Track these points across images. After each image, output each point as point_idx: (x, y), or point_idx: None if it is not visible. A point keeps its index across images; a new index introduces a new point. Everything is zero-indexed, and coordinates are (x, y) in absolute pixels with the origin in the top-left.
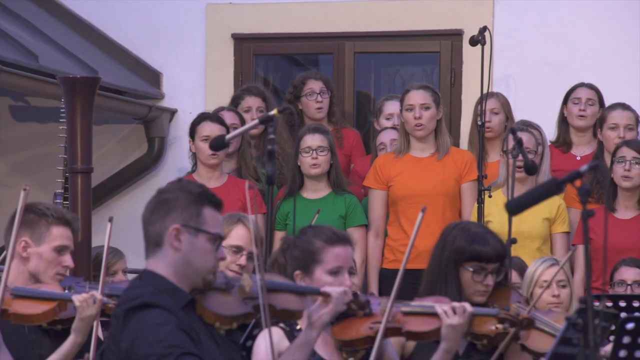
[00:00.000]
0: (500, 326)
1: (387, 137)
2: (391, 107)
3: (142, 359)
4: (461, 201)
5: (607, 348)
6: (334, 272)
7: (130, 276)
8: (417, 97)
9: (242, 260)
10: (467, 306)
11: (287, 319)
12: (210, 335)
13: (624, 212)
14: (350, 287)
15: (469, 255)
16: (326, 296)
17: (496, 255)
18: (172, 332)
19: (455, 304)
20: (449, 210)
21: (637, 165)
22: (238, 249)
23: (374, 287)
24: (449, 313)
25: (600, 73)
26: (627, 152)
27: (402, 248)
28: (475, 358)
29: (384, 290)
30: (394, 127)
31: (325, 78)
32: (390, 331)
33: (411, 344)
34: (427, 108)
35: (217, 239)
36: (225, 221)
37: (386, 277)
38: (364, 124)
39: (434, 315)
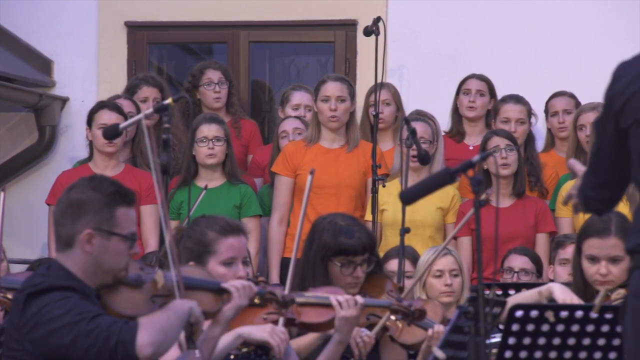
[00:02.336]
0: (376, 319)
1: (290, 126)
2: (298, 97)
3: (53, 334)
4: (367, 194)
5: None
6: (228, 263)
7: (18, 267)
8: (334, 88)
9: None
10: (359, 298)
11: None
12: None
13: (501, 200)
14: (244, 277)
15: (336, 249)
16: (226, 292)
17: (362, 248)
18: (78, 301)
19: (348, 296)
20: (356, 202)
21: (511, 152)
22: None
23: (275, 274)
24: (344, 304)
25: (492, 64)
26: (500, 141)
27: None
28: (348, 349)
29: (285, 279)
30: (297, 117)
31: (224, 68)
32: (285, 322)
33: (293, 334)
34: (343, 100)
35: (131, 238)
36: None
37: (288, 267)
38: (259, 113)
39: (328, 306)
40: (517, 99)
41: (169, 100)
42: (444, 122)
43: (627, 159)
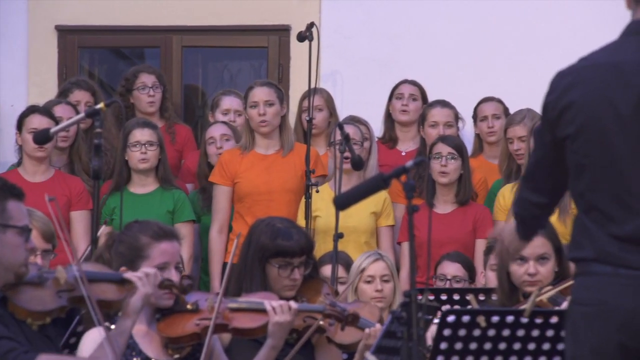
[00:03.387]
0: (312, 321)
1: (217, 132)
2: (228, 102)
3: None
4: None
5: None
6: (161, 268)
7: None
8: (261, 93)
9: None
10: (293, 304)
11: (107, 310)
12: (22, 332)
13: (442, 206)
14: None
15: (274, 251)
16: (128, 282)
17: (300, 250)
18: None
19: (282, 301)
20: (295, 206)
21: (452, 161)
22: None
23: (216, 281)
24: (277, 310)
25: (424, 69)
26: (443, 148)
27: None
28: (286, 351)
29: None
30: (224, 122)
31: (158, 72)
32: (218, 328)
33: (226, 338)
34: (271, 105)
35: (26, 230)
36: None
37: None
38: (191, 118)
39: (261, 311)
40: (444, 104)
41: (101, 105)
42: (377, 128)
43: (564, 168)
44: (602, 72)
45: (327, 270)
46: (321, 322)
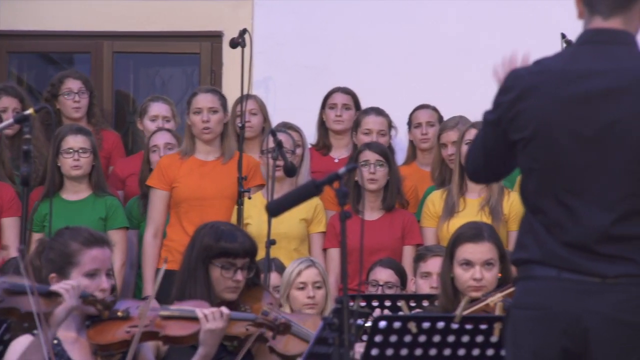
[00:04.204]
0: (254, 329)
1: (161, 140)
2: (156, 108)
3: None
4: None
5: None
6: (91, 275)
7: None
8: (205, 100)
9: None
10: (225, 310)
11: (33, 321)
12: None
13: (369, 213)
14: (107, 289)
15: (217, 251)
16: (55, 294)
17: (244, 251)
18: None
19: (214, 309)
20: (232, 214)
21: (380, 168)
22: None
23: (149, 287)
24: (209, 317)
25: (358, 76)
26: (371, 156)
27: (183, 249)
28: (226, 359)
29: (160, 290)
30: (169, 130)
31: (85, 77)
32: (148, 335)
33: (164, 346)
34: (215, 112)
35: None
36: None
37: (163, 277)
38: (123, 124)
39: (193, 319)
40: (378, 111)
41: (30, 111)
42: (310, 135)
43: (511, 160)
44: (558, 78)
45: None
46: (263, 331)
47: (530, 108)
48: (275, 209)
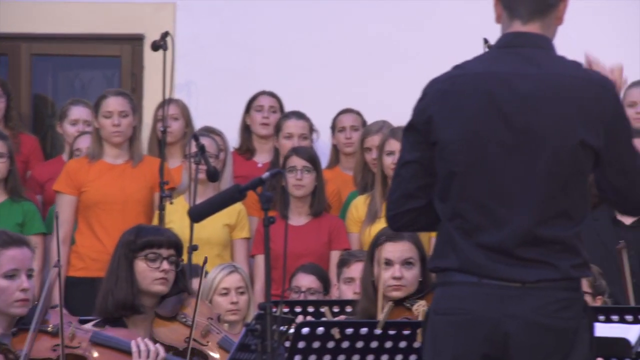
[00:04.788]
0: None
1: (84, 144)
2: (77, 112)
3: None
4: (154, 209)
5: None
6: (10, 275)
7: None
8: (115, 104)
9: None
10: (161, 352)
11: None
12: None
13: (296, 218)
14: (28, 289)
15: (141, 244)
16: None
17: (168, 242)
18: None
19: (150, 345)
20: (143, 218)
21: (307, 174)
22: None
23: (56, 292)
24: (143, 354)
25: (281, 80)
26: (297, 161)
27: (94, 255)
28: None
29: (70, 298)
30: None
31: (2, 81)
32: (74, 358)
33: None
34: (126, 115)
35: None
36: None
37: (74, 285)
38: (41, 128)
39: (126, 352)
40: (299, 115)
41: None
42: (233, 139)
43: (433, 171)
44: (480, 81)
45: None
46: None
47: (450, 111)
48: (197, 214)
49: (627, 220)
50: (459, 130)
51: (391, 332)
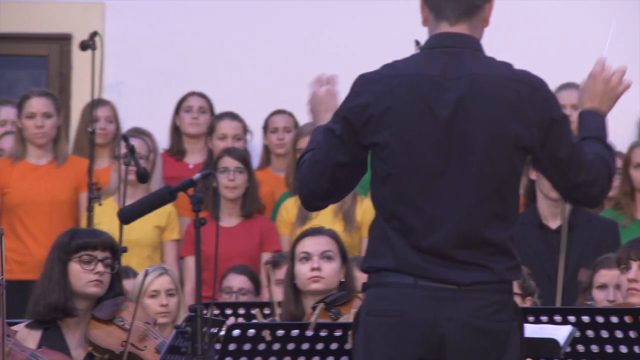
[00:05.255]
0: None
1: (7, 144)
2: (4, 113)
3: None
4: (79, 210)
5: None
6: None
7: None
8: (39, 104)
9: None
10: None
11: None
12: None
13: (228, 220)
14: None
15: (75, 246)
16: None
17: (104, 244)
18: None
19: None
20: (69, 219)
21: (240, 174)
22: None
23: None
24: None
25: (212, 81)
26: (230, 162)
27: (19, 258)
28: None
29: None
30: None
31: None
32: None
33: None
34: (50, 116)
35: None
36: None
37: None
38: None
39: None
40: (233, 116)
41: None
42: (163, 140)
43: (356, 171)
44: (414, 83)
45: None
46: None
47: (384, 114)
48: (127, 215)
49: (553, 225)
50: (394, 132)
51: (322, 334)
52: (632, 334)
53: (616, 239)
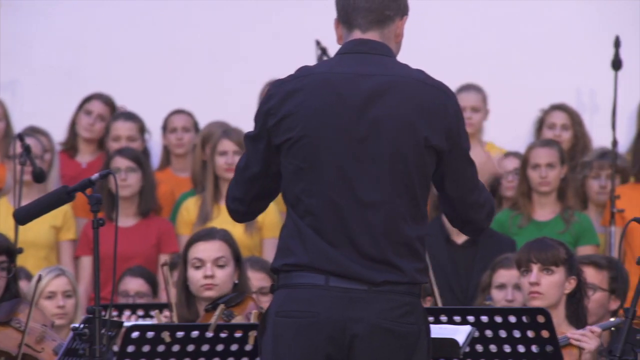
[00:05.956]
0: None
1: None
2: None
3: None
4: None
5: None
6: None
7: None
8: None
9: None
10: None
11: None
12: None
13: (124, 220)
14: None
15: None
16: None
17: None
18: None
19: None
20: None
21: (132, 174)
22: None
23: None
24: None
25: (110, 80)
26: (121, 162)
27: None
28: None
29: None
30: None
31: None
32: None
33: None
34: None
35: None
36: None
37: None
38: None
39: None
40: (128, 116)
41: None
42: (59, 139)
43: (273, 177)
44: (324, 80)
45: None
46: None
47: (296, 109)
48: (24, 216)
49: (459, 240)
50: (306, 128)
51: (223, 335)
52: (529, 334)
53: None
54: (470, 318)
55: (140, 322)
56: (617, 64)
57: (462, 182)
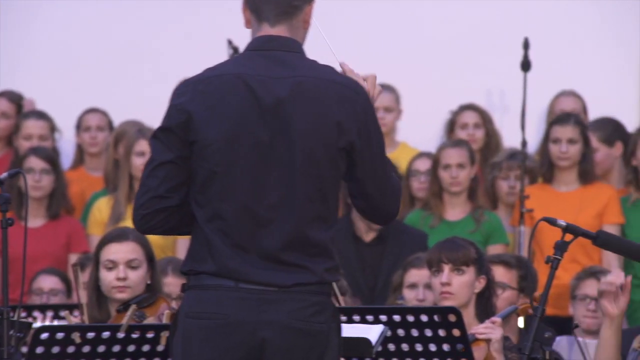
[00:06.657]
0: None
1: None
2: None
3: None
4: None
5: None
6: None
7: None
8: None
9: None
10: None
11: None
12: None
13: (33, 220)
14: None
15: None
16: None
17: None
18: None
19: None
20: None
21: (46, 175)
22: None
23: None
24: None
25: (24, 79)
26: (36, 163)
27: None
28: None
29: None
30: None
31: None
32: None
33: None
34: None
35: None
36: None
37: None
38: None
39: None
40: (39, 115)
41: None
42: None
43: (187, 172)
44: (237, 82)
45: None
46: None
47: (209, 111)
48: None
49: (367, 238)
50: (219, 130)
51: (134, 336)
52: (441, 333)
53: (426, 249)
54: (383, 317)
55: (49, 323)
56: (526, 65)
57: (375, 178)
